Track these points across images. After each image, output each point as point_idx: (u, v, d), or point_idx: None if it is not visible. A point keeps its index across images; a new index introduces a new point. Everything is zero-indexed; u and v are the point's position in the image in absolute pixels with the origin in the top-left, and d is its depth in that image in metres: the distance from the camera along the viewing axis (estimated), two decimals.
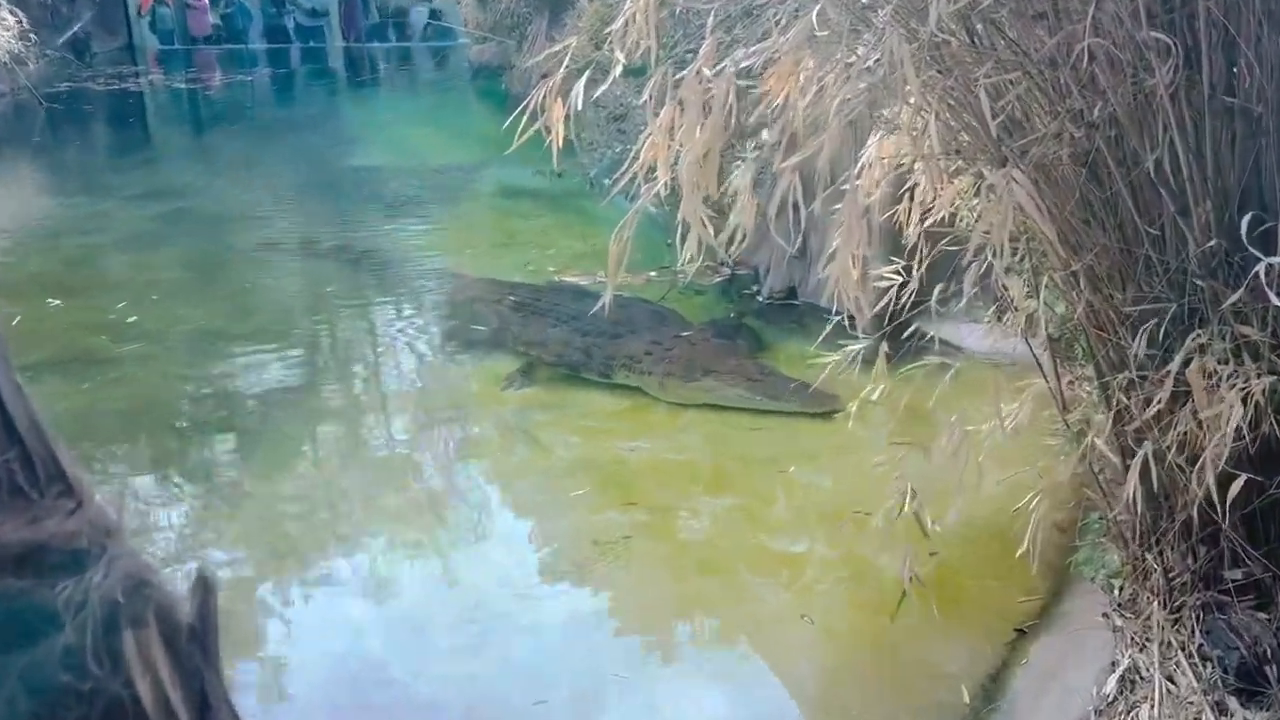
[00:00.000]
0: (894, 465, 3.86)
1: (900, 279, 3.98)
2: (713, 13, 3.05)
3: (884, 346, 3.78)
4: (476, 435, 6.25)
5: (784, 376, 6.32)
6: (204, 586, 1.06)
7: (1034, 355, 4.07)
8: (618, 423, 6.28)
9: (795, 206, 2.95)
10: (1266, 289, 2.80)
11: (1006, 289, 4.02)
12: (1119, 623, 3.86)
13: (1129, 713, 3.45)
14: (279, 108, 18.79)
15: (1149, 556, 3.78)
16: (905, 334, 4.00)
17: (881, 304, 3.94)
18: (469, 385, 6.90)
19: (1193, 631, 3.58)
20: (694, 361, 6.55)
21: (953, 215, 4.24)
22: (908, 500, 3.79)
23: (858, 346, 3.88)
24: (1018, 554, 3.77)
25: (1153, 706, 3.41)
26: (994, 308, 4.95)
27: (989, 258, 3.61)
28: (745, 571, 4.82)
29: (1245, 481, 3.17)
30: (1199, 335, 3.13)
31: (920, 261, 4.05)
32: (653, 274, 8.51)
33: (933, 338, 3.84)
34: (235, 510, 5.41)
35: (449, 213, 11.24)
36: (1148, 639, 3.67)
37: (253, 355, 7.26)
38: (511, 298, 7.77)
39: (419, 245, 9.81)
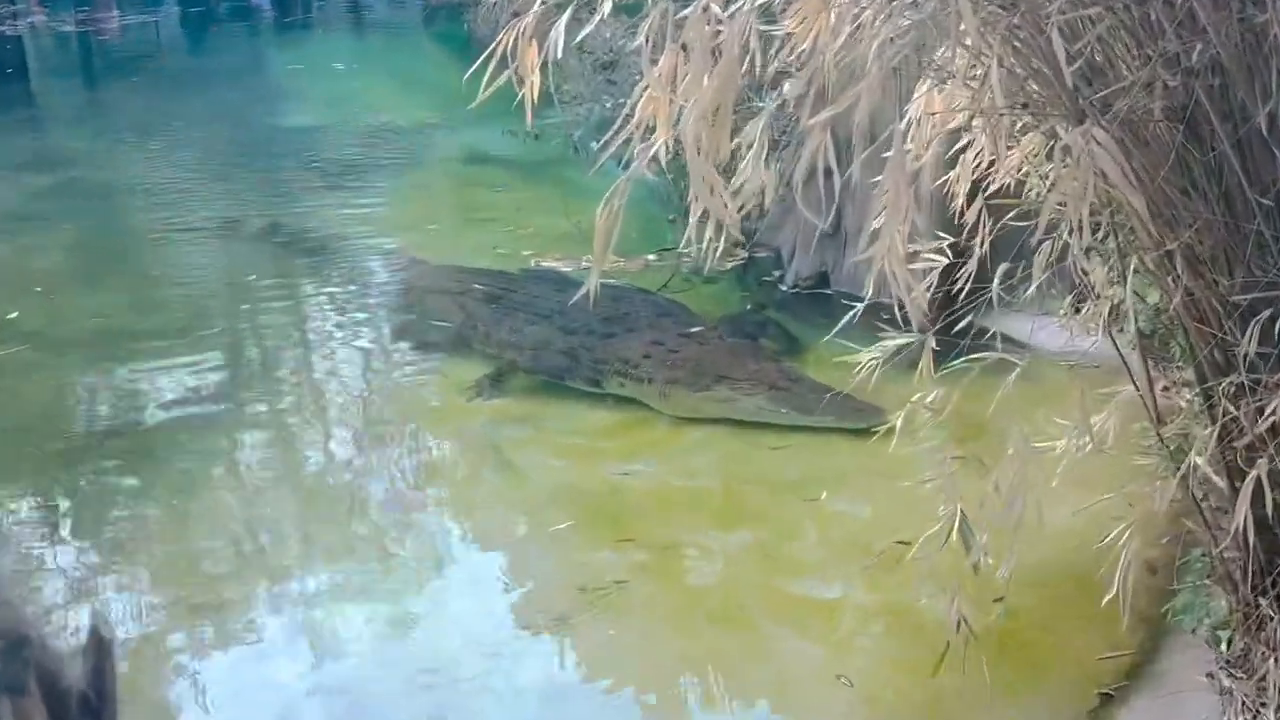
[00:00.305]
0: (945, 486, 3.85)
1: (953, 261, 3.98)
2: None
3: (929, 341, 3.77)
4: (435, 457, 6.23)
5: (815, 383, 6.31)
6: (99, 645, 1.06)
7: (1120, 355, 4.07)
8: (609, 441, 6.27)
9: (827, 173, 2.95)
10: None
11: (1085, 274, 4.02)
12: (1227, 683, 3.85)
13: None
14: (191, 55, 18.77)
15: (1264, 602, 3.77)
16: (959, 329, 3.99)
17: (929, 291, 3.94)
18: (426, 395, 6.88)
19: None
20: (704, 366, 6.54)
21: (1019, 184, 4.24)
22: (956, 526, 3.78)
23: (900, 342, 3.87)
24: (1102, 601, 3.76)
25: None
26: (1070, 297, 4.96)
27: (1064, 236, 3.61)
28: (767, 623, 4.80)
29: None
30: None
31: (979, 241, 4.05)
32: (651, 258, 8.51)
33: (993, 334, 3.83)
34: (139, 550, 5.38)
35: (400, 184, 11.22)
36: (1262, 703, 3.67)
37: (160, 360, 7.24)
38: (479, 288, 7.77)
39: (364, 224, 9.80)
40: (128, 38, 19.57)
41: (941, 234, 4.09)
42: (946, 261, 3.94)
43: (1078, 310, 4.37)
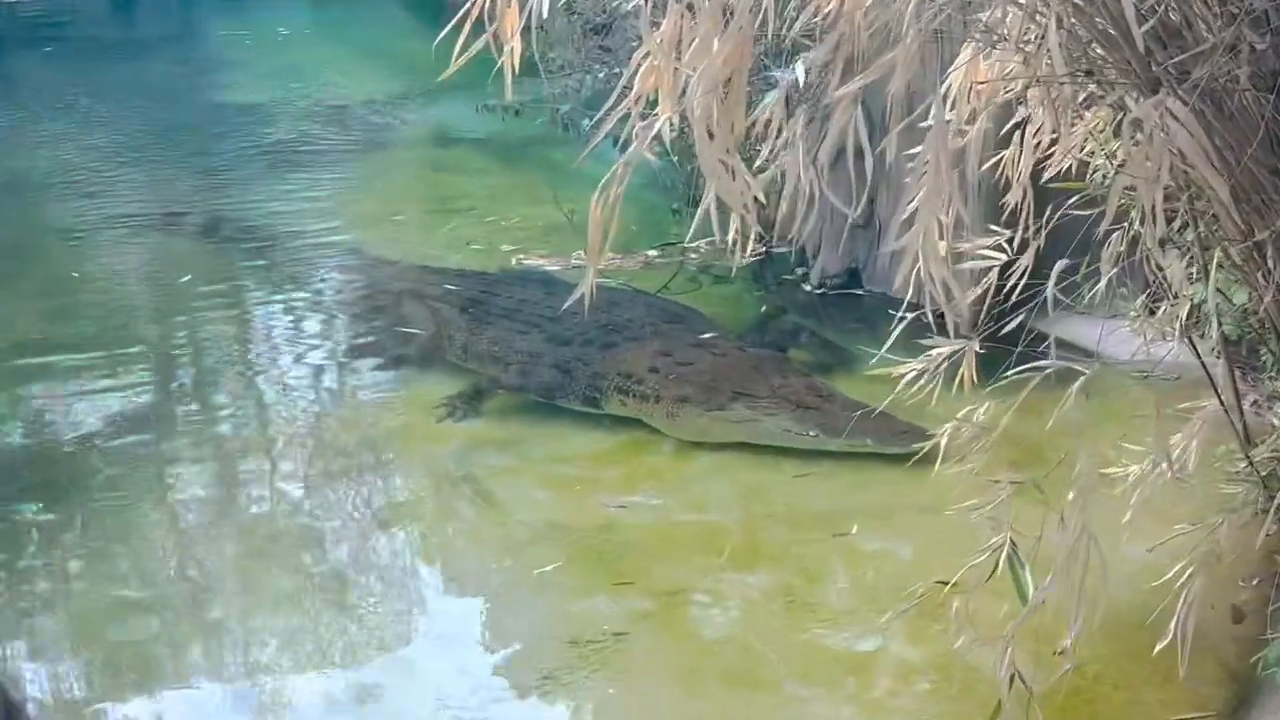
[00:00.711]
0: (995, 517, 3.83)
1: (1005, 256, 3.97)
2: None
3: (973, 345, 3.76)
4: (403, 489, 6.22)
5: (849, 400, 6.28)
6: (7, 713, 1.04)
7: (1202, 365, 4.05)
8: (604, 469, 6.27)
9: (858, 154, 2.93)
10: None
11: (1160, 270, 4.01)
12: None
13: None
14: (116, 21, 18.79)
15: None
16: (1011, 331, 3.96)
17: (978, 291, 3.93)
18: (391, 417, 6.87)
19: None
20: (719, 380, 6.53)
21: (1082, 165, 4.23)
22: (1003, 561, 3.77)
23: (945, 351, 3.85)
24: (1183, 652, 3.74)
25: None
26: (1142, 297, 4.94)
27: (1134, 226, 3.59)
28: (791, 681, 4.77)
29: None
30: None
31: (1035, 231, 4.03)
32: (652, 254, 8.50)
33: (1051, 339, 3.80)
34: (55, 601, 5.35)
35: (360, 169, 11.22)
36: None
37: (77, 378, 7.23)
38: (452, 291, 7.76)
39: (316, 217, 9.81)
40: (40, 1, 19.61)
41: (994, 227, 4.07)
42: (1002, 260, 3.92)
43: (1151, 312, 4.36)
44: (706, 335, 7.00)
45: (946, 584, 4.21)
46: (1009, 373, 3.75)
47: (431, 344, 7.43)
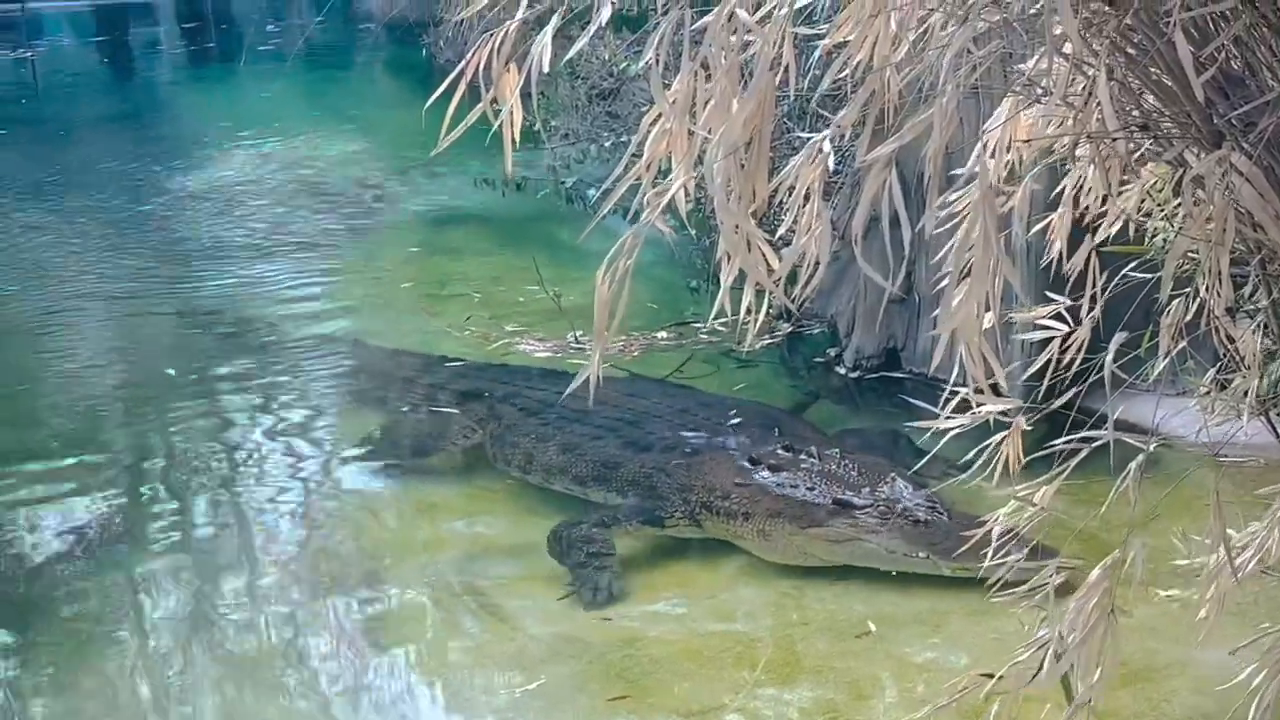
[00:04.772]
0: (1043, 610, 3.77)
1: (1063, 328, 3.94)
2: None
3: (1019, 423, 3.72)
4: (399, 603, 6.17)
5: (964, 515, 5.86)
6: None
7: None
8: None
9: (893, 222, 2.92)
10: None
11: (1230, 341, 3.98)
12: None
13: None
14: (77, 98, 19.02)
15: None
16: (1060, 411, 3.92)
17: (1033, 367, 3.90)
18: (386, 521, 6.87)
19: None
20: (817, 492, 6.20)
21: (1138, 227, 4.22)
22: (1049, 655, 3.70)
23: (997, 438, 3.83)
24: None
25: None
26: (1211, 371, 4.91)
27: (1199, 291, 3.57)
28: None
29: None
30: None
31: (1090, 300, 4.01)
32: (662, 335, 8.50)
33: (1108, 419, 3.76)
34: None
35: (349, 251, 11.31)
36: None
37: (40, 486, 7.25)
38: (499, 386, 7.70)
39: (306, 302, 9.89)
40: None
41: (1050, 294, 4.05)
42: (1062, 331, 3.90)
43: (1222, 387, 4.33)
44: (793, 436, 6.76)
45: (991, 676, 4.15)
46: (1056, 450, 3.71)
47: (435, 440, 7.43)
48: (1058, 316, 3.97)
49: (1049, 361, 3.90)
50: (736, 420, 6.93)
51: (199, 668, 5.72)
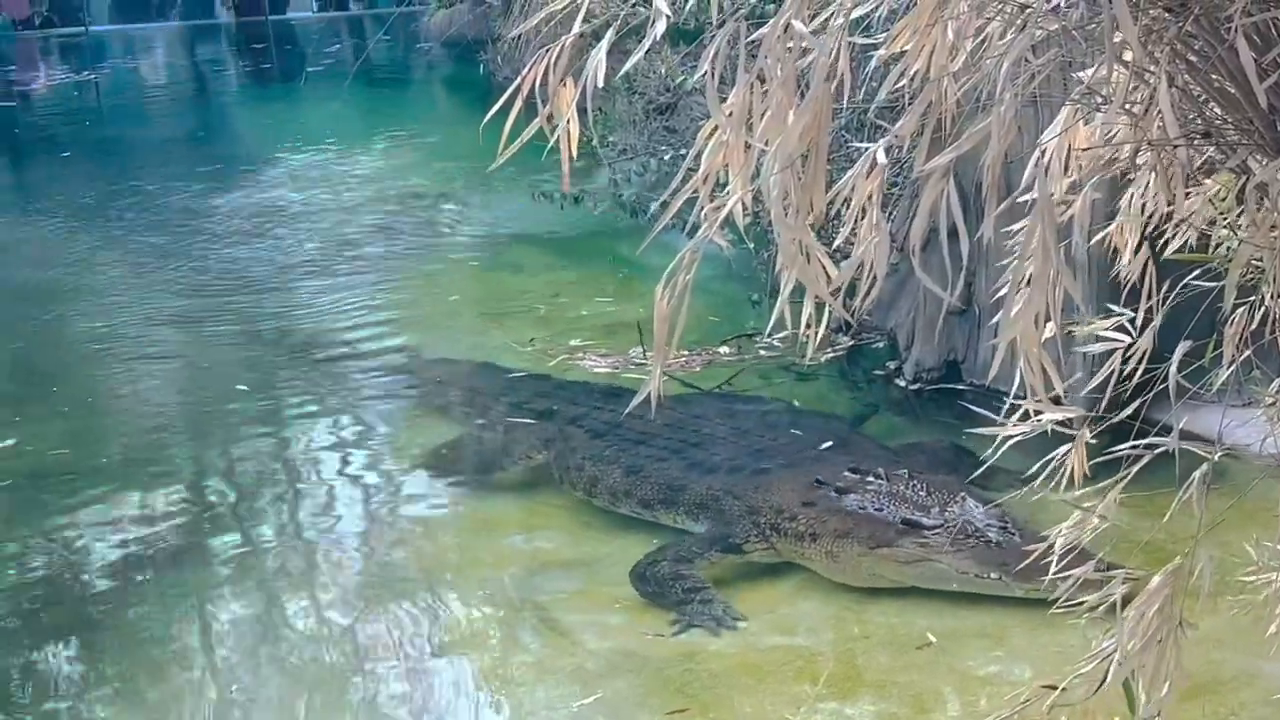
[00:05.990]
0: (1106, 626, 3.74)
1: (1126, 339, 3.92)
2: None
3: (1084, 435, 3.70)
4: (460, 617, 6.19)
5: (1028, 531, 5.73)
6: None
7: None
8: None
9: (951, 233, 2.92)
10: None
11: None
12: None
13: None
14: (139, 119, 19.20)
15: None
16: (1124, 422, 3.89)
17: (1098, 379, 3.88)
18: (448, 536, 6.92)
19: None
20: (886, 513, 6.07)
21: (1203, 236, 4.19)
22: (1113, 667, 3.66)
23: (1059, 451, 3.81)
24: None
25: None
26: (1277, 381, 4.86)
27: (1264, 299, 3.54)
28: None
29: None
30: None
31: (1150, 309, 3.99)
32: (723, 350, 8.50)
33: (1172, 429, 3.74)
34: None
35: (410, 267, 11.38)
36: None
37: (106, 505, 7.31)
38: (569, 406, 7.70)
39: (369, 319, 9.96)
40: (60, 100, 20.07)
41: (1111, 306, 4.04)
42: (1124, 342, 3.88)
43: None
44: (854, 455, 6.66)
45: (1054, 688, 4.11)
46: (1120, 456, 3.68)
47: (496, 458, 7.47)
48: (1120, 328, 3.95)
49: (1111, 373, 3.88)
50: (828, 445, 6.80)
51: (262, 681, 5.77)
